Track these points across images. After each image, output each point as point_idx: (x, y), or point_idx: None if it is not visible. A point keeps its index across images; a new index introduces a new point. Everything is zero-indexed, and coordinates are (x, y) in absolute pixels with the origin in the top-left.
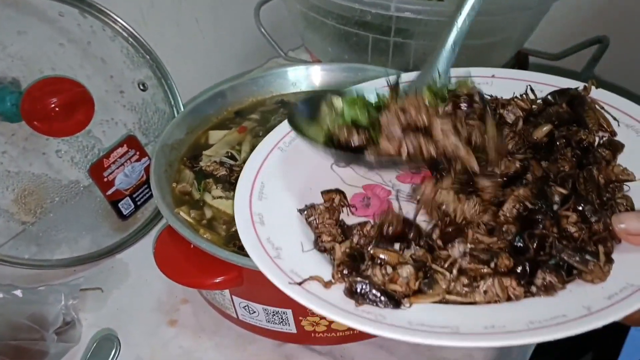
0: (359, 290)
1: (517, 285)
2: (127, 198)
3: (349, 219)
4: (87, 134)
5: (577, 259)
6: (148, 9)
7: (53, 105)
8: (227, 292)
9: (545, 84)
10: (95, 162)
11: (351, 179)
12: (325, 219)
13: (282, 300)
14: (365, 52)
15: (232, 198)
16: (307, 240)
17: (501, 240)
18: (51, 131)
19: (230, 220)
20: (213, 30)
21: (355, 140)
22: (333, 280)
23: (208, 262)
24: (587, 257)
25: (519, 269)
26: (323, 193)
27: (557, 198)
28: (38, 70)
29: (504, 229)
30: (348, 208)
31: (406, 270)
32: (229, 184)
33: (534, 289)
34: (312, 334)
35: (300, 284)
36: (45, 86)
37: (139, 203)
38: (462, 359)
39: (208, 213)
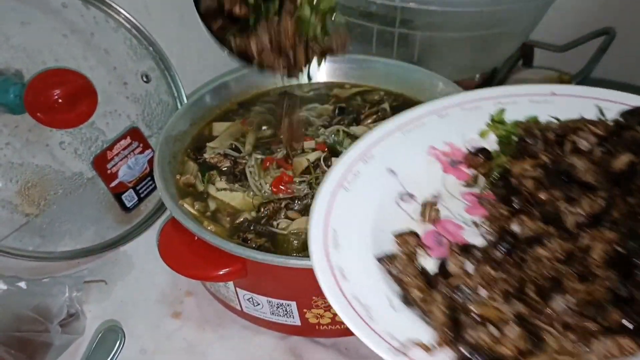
0: (467, 356)
1: (634, 344)
2: (131, 190)
3: (425, 259)
4: (91, 126)
5: None
6: (151, 0)
7: (56, 97)
8: (231, 284)
9: (612, 101)
10: (99, 154)
11: (419, 214)
12: (407, 268)
13: (286, 292)
14: (369, 43)
15: (237, 190)
16: (391, 291)
17: (600, 288)
18: (54, 123)
19: (235, 212)
20: None
21: (237, 10)
22: (437, 346)
23: (212, 254)
24: None
25: (630, 323)
26: (396, 236)
27: None
28: (41, 62)
29: (599, 275)
30: (424, 250)
31: (513, 331)
32: (233, 175)
33: None
34: (317, 327)
35: (402, 351)
36: (48, 77)
37: (142, 195)
38: None
39: (212, 205)
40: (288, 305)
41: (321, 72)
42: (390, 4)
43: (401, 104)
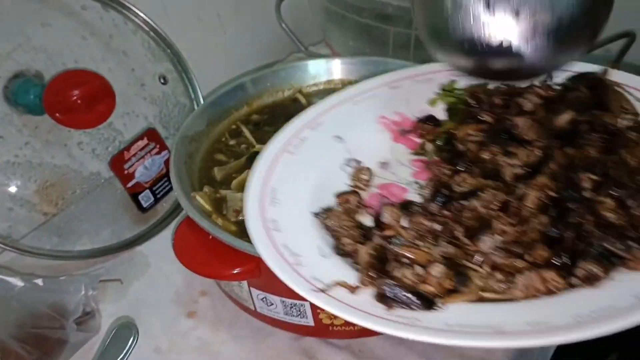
0: (389, 293)
1: (558, 278)
2: (147, 191)
3: (365, 218)
4: (109, 127)
5: (621, 246)
6: (170, 3)
7: (75, 98)
8: (245, 283)
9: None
10: (116, 155)
11: (352, 177)
12: (343, 221)
13: None
14: (386, 45)
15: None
16: (327, 245)
17: (531, 230)
18: (73, 123)
19: (240, 209)
20: (234, 25)
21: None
22: (360, 285)
23: (226, 252)
24: (631, 243)
25: (557, 261)
26: (337, 196)
27: (586, 184)
28: (61, 63)
29: (531, 219)
30: (366, 209)
31: (437, 269)
32: None
33: (575, 280)
34: (330, 327)
35: (324, 290)
36: (68, 79)
37: (158, 196)
38: (483, 355)
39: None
40: (302, 305)
41: (337, 71)
42: (407, 6)
43: None
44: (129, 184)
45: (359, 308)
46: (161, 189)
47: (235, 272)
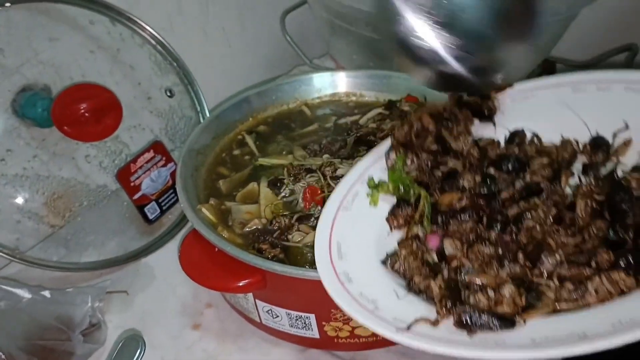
0: (468, 319)
1: (627, 277)
2: (153, 203)
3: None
4: (115, 139)
5: None
6: (176, 18)
7: (82, 111)
8: (250, 295)
9: None
10: (123, 167)
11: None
12: (411, 261)
13: (305, 304)
14: (390, 59)
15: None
16: (400, 288)
17: (590, 238)
18: (80, 136)
19: (246, 221)
20: (239, 39)
21: None
22: (439, 317)
23: (232, 265)
24: None
25: (622, 262)
26: (399, 244)
27: (634, 184)
28: (68, 77)
29: (587, 228)
30: (426, 247)
31: (508, 289)
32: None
33: None
34: (335, 340)
35: (408, 328)
36: (75, 92)
37: (164, 208)
38: None
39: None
40: (307, 317)
41: (342, 84)
42: None
43: None
44: (135, 196)
45: (445, 338)
46: (167, 201)
47: (241, 284)
